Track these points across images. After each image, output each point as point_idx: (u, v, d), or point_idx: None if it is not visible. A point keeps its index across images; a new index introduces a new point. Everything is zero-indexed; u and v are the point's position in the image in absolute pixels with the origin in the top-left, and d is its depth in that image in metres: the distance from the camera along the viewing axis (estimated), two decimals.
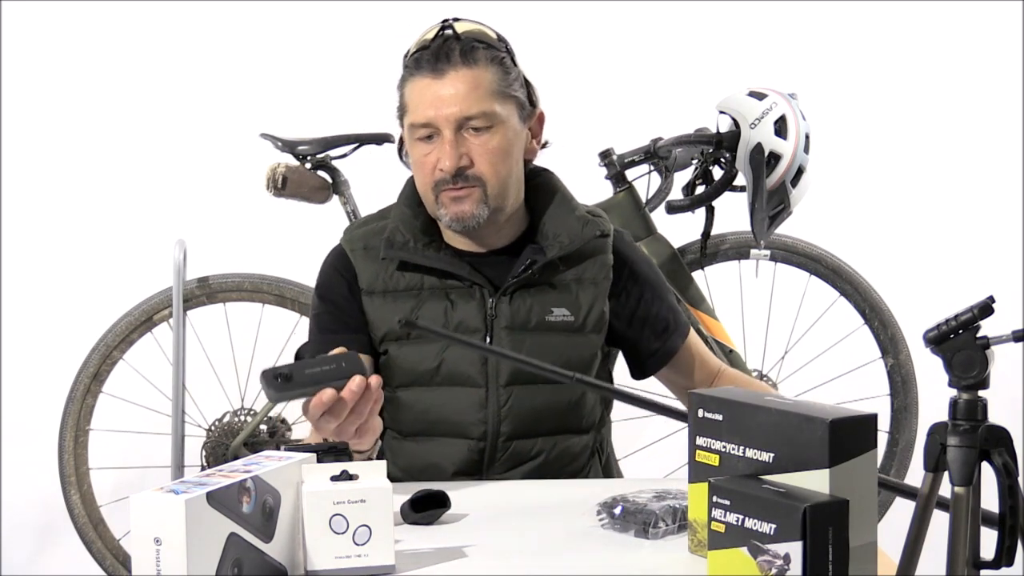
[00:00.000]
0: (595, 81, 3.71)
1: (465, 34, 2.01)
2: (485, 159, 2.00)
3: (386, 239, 2.06)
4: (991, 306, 1.35)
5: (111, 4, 3.66)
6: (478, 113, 1.99)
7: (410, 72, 2.03)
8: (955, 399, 1.36)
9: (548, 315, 2.06)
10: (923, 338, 1.38)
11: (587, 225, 2.09)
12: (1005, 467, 1.34)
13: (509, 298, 2.05)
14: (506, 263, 2.07)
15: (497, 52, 2.03)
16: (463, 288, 2.06)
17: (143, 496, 1.34)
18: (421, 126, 2.00)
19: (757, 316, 3.16)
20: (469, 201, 2.01)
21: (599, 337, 2.10)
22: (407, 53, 2.06)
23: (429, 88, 1.99)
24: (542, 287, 2.07)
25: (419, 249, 2.05)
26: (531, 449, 2.05)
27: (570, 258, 2.08)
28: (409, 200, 2.11)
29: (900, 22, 3.77)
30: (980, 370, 1.35)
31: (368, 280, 2.08)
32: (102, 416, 3.09)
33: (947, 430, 1.37)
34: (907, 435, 3.13)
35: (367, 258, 2.09)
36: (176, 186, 3.66)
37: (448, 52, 1.99)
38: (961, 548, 1.35)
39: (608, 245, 2.12)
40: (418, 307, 2.05)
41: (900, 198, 3.77)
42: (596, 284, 2.09)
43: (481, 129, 2.00)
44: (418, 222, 2.08)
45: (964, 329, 1.35)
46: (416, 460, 2.07)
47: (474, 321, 2.04)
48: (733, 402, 1.47)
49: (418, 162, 2.03)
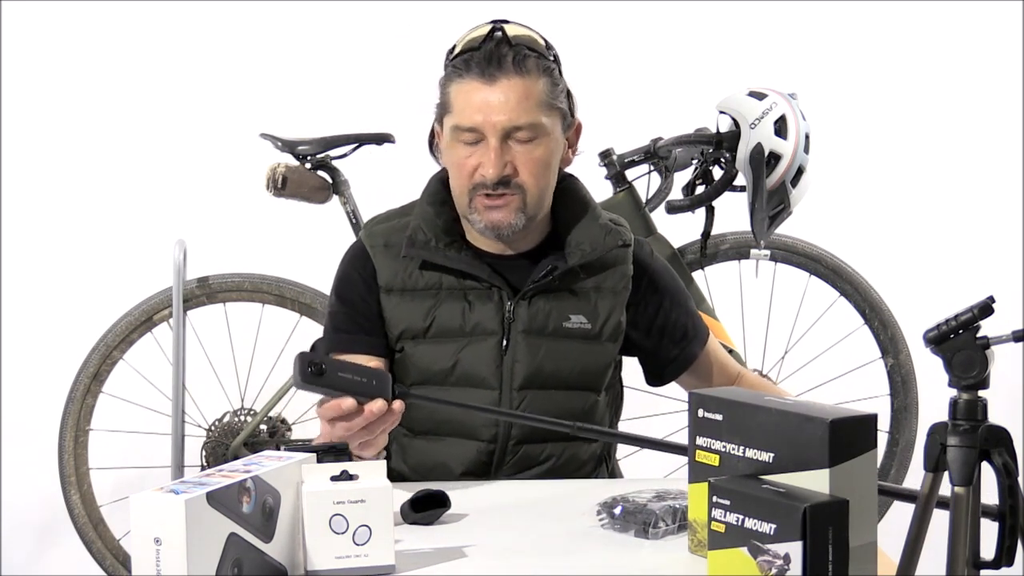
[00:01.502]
0: (595, 81, 3.70)
1: (516, 39, 2.01)
2: (528, 169, 2.00)
3: (408, 237, 2.06)
4: (991, 306, 1.35)
5: (111, 4, 3.65)
6: (526, 124, 1.99)
7: (458, 72, 2.01)
8: (955, 399, 1.37)
9: (566, 321, 2.06)
10: (923, 338, 1.38)
11: (610, 234, 2.09)
12: (1005, 467, 1.34)
13: (528, 302, 2.05)
14: (527, 267, 2.07)
15: (547, 62, 2.03)
16: (482, 289, 2.05)
17: (143, 496, 1.34)
18: (467, 130, 2.00)
19: (757, 316, 3.16)
20: (507, 210, 2.01)
21: (615, 346, 2.10)
22: (451, 50, 2.05)
23: (478, 93, 1.98)
24: (561, 293, 2.07)
25: (440, 249, 2.05)
26: (540, 454, 2.05)
27: (591, 266, 2.08)
28: (433, 198, 2.10)
29: (900, 22, 3.77)
30: (980, 370, 1.35)
31: (387, 278, 2.08)
32: (102, 416, 3.09)
33: (947, 430, 1.37)
34: (907, 435, 3.13)
35: (387, 255, 2.08)
36: (176, 186, 3.66)
37: (500, 58, 1.98)
38: (961, 548, 1.35)
39: (629, 255, 2.12)
40: (436, 307, 2.05)
41: (900, 198, 3.77)
42: (615, 293, 2.09)
43: (526, 139, 2.00)
44: (440, 221, 2.07)
45: (964, 329, 1.35)
46: (425, 459, 2.07)
47: (491, 323, 2.04)
48: (733, 402, 1.47)
49: (457, 164, 2.02)
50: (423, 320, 2.05)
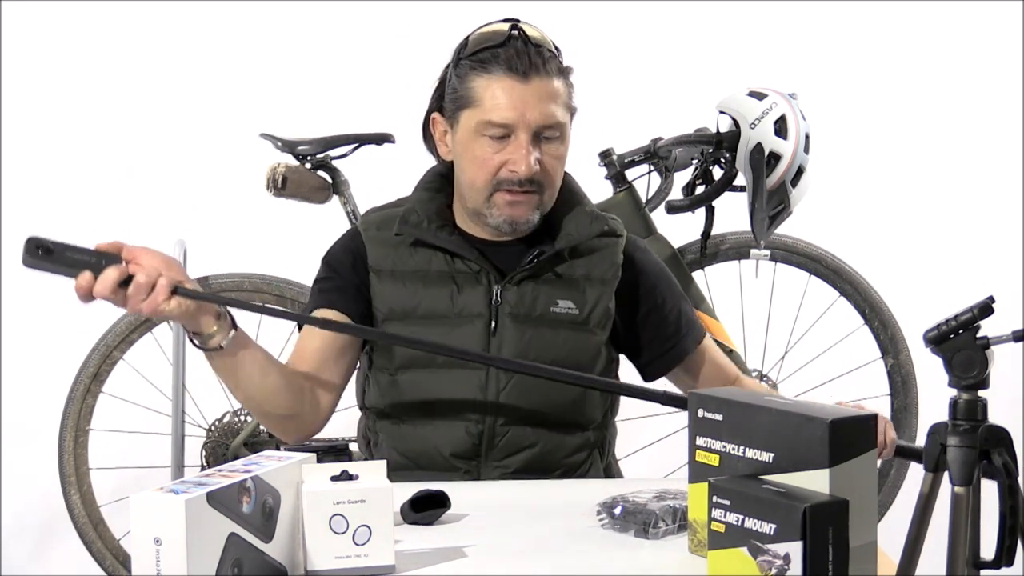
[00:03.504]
0: (595, 81, 3.70)
1: (533, 38, 2.04)
2: (551, 168, 2.05)
3: (401, 217, 2.11)
4: (991, 306, 1.35)
5: (111, 4, 3.65)
6: (555, 123, 2.03)
7: (484, 67, 2.02)
8: (955, 399, 1.37)
9: (553, 306, 2.08)
10: (923, 338, 1.38)
11: (595, 220, 2.13)
12: (1005, 467, 1.34)
13: (516, 286, 2.08)
14: (515, 253, 2.10)
15: (562, 63, 2.07)
16: (470, 273, 2.08)
17: (143, 496, 1.34)
18: (498, 125, 2.01)
19: (757, 316, 3.16)
20: (526, 206, 2.05)
21: (603, 333, 2.12)
22: (464, 45, 2.07)
23: (513, 90, 2.00)
24: (549, 279, 2.10)
25: (432, 230, 2.09)
26: (528, 438, 2.06)
27: (580, 253, 2.11)
28: (429, 185, 2.15)
29: (900, 22, 3.77)
30: (980, 370, 1.35)
31: (376, 259, 2.11)
32: (102, 416, 3.09)
33: (947, 430, 1.37)
34: (907, 435, 3.12)
35: (378, 238, 2.13)
36: (176, 186, 3.66)
37: (530, 57, 2.01)
38: (961, 548, 1.35)
39: (619, 245, 2.14)
40: (424, 289, 2.08)
41: (900, 198, 3.77)
42: (604, 282, 2.11)
43: (552, 138, 2.04)
44: (433, 205, 2.12)
45: (964, 329, 1.35)
46: (414, 444, 2.08)
47: (478, 306, 2.07)
48: (733, 402, 1.47)
49: (481, 158, 2.04)
50: (411, 301, 2.08)
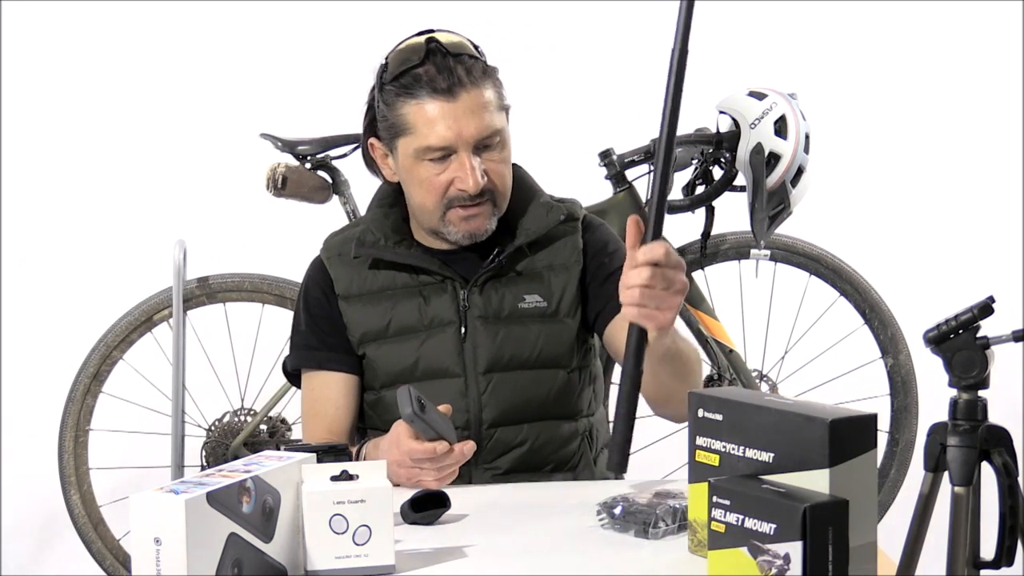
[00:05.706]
0: (595, 81, 3.71)
1: (451, 47, 2.01)
2: (498, 174, 2.05)
3: (357, 239, 2.10)
4: (991, 306, 1.35)
5: (111, 4, 3.65)
6: (493, 131, 2.02)
7: (409, 92, 2.00)
8: (955, 399, 1.37)
9: (521, 303, 2.08)
10: (923, 338, 1.38)
11: (551, 211, 2.12)
12: (1005, 467, 1.34)
13: (480, 289, 2.08)
14: (477, 257, 2.10)
15: (486, 64, 2.05)
16: (435, 283, 2.09)
17: (143, 496, 1.34)
18: (437, 148, 2.00)
19: (757, 316, 3.16)
20: (481, 217, 2.05)
21: (574, 321, 2.11)
22: (384, 68, 2.05)
23: (444, 110, 1.99)
24: (513, 276, 2.10)
25: (390, 247, 2.09)
26: (516, 436, 2.07)
27: (538, 244, 2.11)
28: (382, 201, 2.16)
29: (900, 22, 3.77)
30: (980, 370, 1.35)
31: (344, 286, 2.12)
32: (102, 416, 3.09)
33: (947, 430, 1.37)
34: (907, 435, 3.12)
35: (342, 263, 2.13)
36: (176, 186, 3.66)
37: (450, 71, 1.99)
38: (961, 548, 1.35)
39: (578, 229, 2.14)
40: (393, 307, 2.09)
41: (900, 198, 3.77)
42: (567, 269, 2.11)
43: (492, 146, 2.03)
44: (388, 222, 2.12)
45: (964, 329, 1.35)
46: None
47: (448, 314, 2.07)
48: (733, 402, 1.47)
49: (427, 181, 2.03)
50: (382, 320, 2.09)
